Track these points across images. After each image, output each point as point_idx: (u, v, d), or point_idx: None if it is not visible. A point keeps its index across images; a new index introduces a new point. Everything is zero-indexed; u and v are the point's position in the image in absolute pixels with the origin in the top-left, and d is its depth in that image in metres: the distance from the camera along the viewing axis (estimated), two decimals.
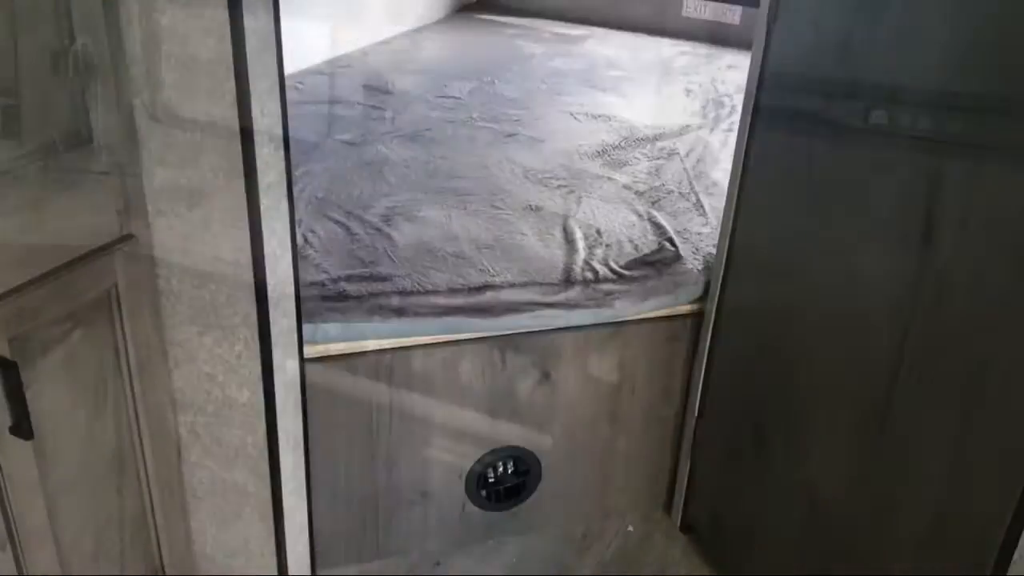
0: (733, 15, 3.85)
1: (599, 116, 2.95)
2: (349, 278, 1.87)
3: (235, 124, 1.25)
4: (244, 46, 1.20)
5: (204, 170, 1.31)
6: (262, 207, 1.32)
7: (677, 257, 2.03)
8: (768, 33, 1.56)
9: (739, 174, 1.75)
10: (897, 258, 1.49)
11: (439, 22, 4.08)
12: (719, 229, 1.91)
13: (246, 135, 1.26)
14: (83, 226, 1.28)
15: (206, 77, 1.23)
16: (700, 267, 2.00)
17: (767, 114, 1.65)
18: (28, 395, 1.22)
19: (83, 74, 1.21)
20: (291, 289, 1.43)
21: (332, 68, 3.34)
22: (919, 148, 1.44)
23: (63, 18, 1.18)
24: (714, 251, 1.97)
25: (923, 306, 1.46)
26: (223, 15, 1.18)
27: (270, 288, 1.37)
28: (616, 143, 2.71)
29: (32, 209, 1.19)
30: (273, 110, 1.29)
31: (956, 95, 1.37)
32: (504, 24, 4.05)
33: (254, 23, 1.20)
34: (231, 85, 1.22)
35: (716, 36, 3.86)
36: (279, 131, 1.31)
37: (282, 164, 1.34)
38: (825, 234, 1.62)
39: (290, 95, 2.97)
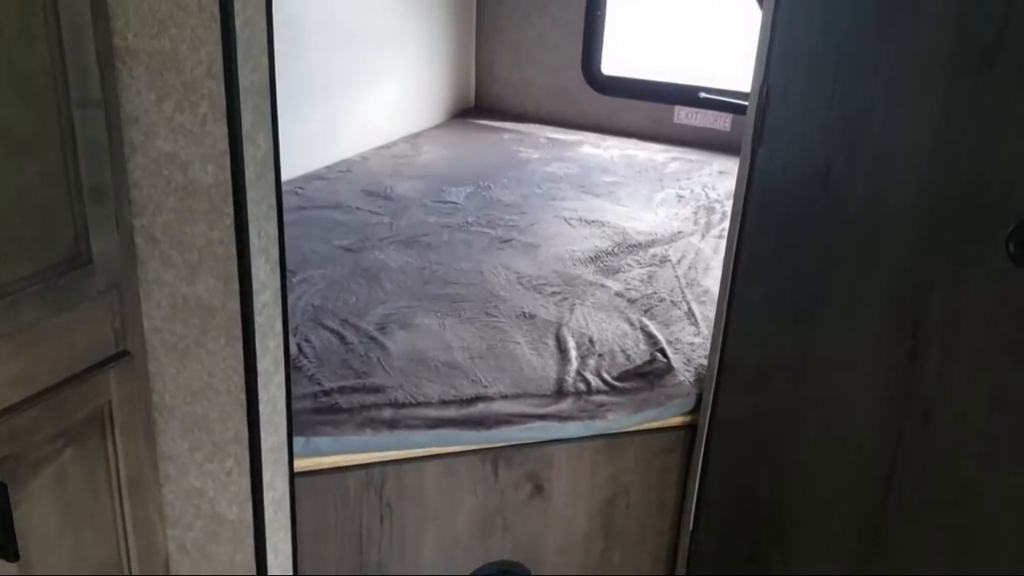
0: (723, 122, 3.96)
1: (592, 222, 3.00)
2: (342, 390, 1.87)
3: (232, 246, 1.28)
4: (243, 173, 1.23)
5: (200, 290, 1.33)
6: (256, 325, 1.34)
7: (669, 368, 2.04)
8: (753, 155, 1.61)
9: (728, 288, 1.77)
10: (884, 376, 1.51)
11: (438, 127, 4.18)
12: (710, 340, 1.93)
13: (243, 256, 1.29)
14: (78, 344, 1.29)
15: (205, 202, 1.27)
16: (692, 379, 2.01)
17: (754, 231, 1.69)
18: (16, 515, 1.22)
19: (85, 198, 1.25)
20: (283, 406, 1.44)
21: (332, 173, 3.41)
22: (903, 268, 1.47)
23: (67, 143, 1.21)
24: (705, 362, 1.98)
25: (911, 424, 1.47)
26: (223, 144, 1.22)
27: (262, 405, 1.38)
28: (609, 249, 2.75)
29: (28, 329, 1.21)
30: (270, 231, 1.32)
31: (937, 218, 1.41)
32: (501, 129, 4.15)
33: (254, 151, 1.25)
34: (229, 210, 1.25)
35: (707, 142, 3.96)
36: (275, 251, 1.34)
37: (277, 283, 1.36)
38: (814, 349, 1.63)
39: (290, 200, 2.96)
